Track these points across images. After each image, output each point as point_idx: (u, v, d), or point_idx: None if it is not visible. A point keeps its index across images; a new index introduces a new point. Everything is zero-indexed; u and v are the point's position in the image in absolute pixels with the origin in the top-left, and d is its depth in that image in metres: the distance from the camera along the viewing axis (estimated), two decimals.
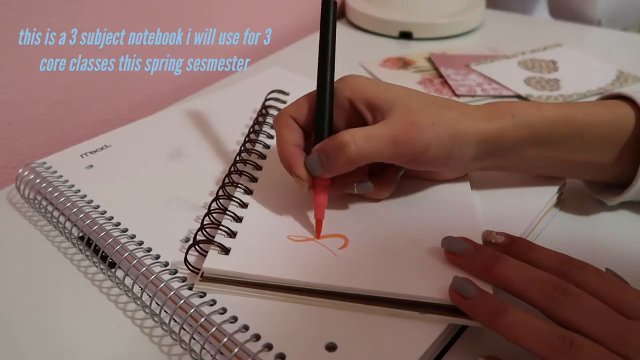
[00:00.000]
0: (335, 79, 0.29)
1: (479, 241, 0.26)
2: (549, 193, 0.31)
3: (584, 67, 0.53)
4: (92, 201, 0.31)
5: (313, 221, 0.28)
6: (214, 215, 0.28)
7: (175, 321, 0.25)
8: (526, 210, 0.30)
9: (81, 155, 0.36)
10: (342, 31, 0.65)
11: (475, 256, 0.24)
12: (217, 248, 0.26)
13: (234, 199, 0.29)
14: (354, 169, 0.27)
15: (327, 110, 0.28)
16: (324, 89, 0.28)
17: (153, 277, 0.26)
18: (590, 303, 0.22)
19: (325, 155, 0.26)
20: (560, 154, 0.29)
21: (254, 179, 0.31)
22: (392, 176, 0.30)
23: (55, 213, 0.31)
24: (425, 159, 0.27)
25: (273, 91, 0.41)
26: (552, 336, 0.20)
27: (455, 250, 0.25)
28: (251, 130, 0.37)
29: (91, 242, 0.29)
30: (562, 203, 0.34)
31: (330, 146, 0.26)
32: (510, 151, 0.29)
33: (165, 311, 0.25)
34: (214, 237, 0.27)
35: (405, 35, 0.61)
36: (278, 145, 0.28)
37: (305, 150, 0.29)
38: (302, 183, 0.27)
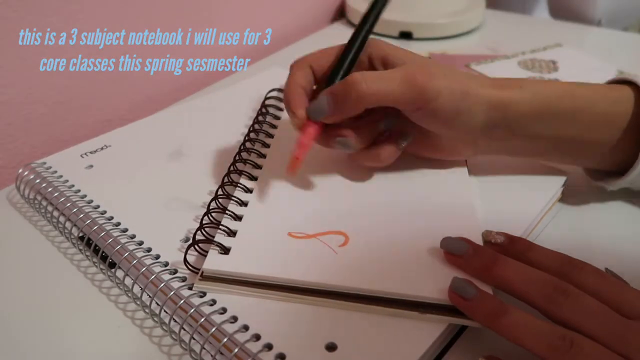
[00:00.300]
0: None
1: (479, 241, 0.26)
2: (552, 190, 0.31)
3: (584, 67, 0.53)
4: (92, 201, 0.31)
5: (312, 218, 0.28)
6: (213, 214, 0.28)
7: (175, 321, 0.25)
8: (528, 208, 0.30)
9: (81, 155, 0.36)
10: (342, 31, 0.65)
11: (475, 257, 0.24)
12: (217, 248, 0.26)
13: (233, 198, 0.29)
14: (343, 126, 0.28)
15: (350, 58, 0.29)
16: (353, 41, 0.29)
17: (153, 277, 0.26)
18: (590, 303, 0.22)
19: (334, 96, 0.27)
20: (566, 131, 0.29)
21: (253, 178, 0.31)
22: (394, 143, 0.30)
23: (55, 213, 0.31)
24: (434, 108, 0.27)
25: (273, 90, 0.41)
26: (552, 336, 0.20)
27: (455, 251, 0.25)
28: (251, 129, 0.37)
29: (91, 242, 0.29)
30: (564, 201, 0.34)
31: (340, 86, 0.27)
32: (517, 124, 0.29)
33: (165, 311, 0.25)
34: (213, 236, 0.27)
35: (405, 35, 0.61)
36: (286, 84, 0.29)
37: (310, 98, 0.29)
38: (295, 121, 0.28)
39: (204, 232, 0.27)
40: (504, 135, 0.29)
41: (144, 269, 0.26)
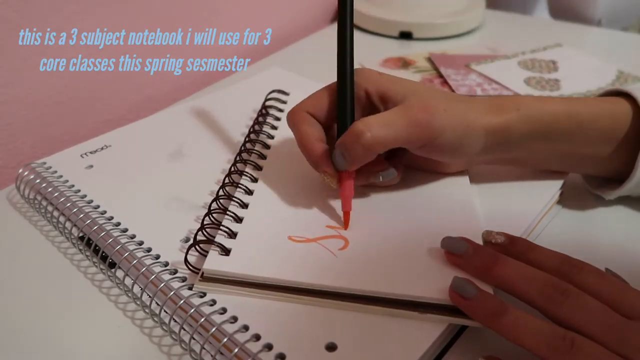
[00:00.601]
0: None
1: (480, 241, 0.26)
2: (551, 191, 0.31)
3: (584, 67, 0.53)
4: (92, 201, 0.31)
5: (313, 221, 0.28)
6: (214, 215, 0.28)
7: (175, 321, 0.25)
8: (528, 209, 0.30)
9: (81, 155, 0.36)
10: None
11: (475, 257, 0.24)
12: (218, 248, 0.26)
13: (234, 199, 0.29)
14: (374, 158, 0.27)
15: (349, 102, 0.28)
16: (344, 81, 0.28)
17: (153, 277, 0.26)
18: (590, 303, 0.22)
19: (345, 149, 0.27)
20: (564, 147, 0.30)
21: (254, 179, 0.31)
22: (399, 162, 0.31)
23: (55, 213, 0.31)
24: (438, 145, 0.27)
25: (273, 91, 0.41)
26: (553, 336, 0.20)
27: (455, 251, 0.25)
28: (251, 130, 0.37)
29: (91, 242, 0.29)
30: (564, 202, 0.34)
31: (347, 138, 0.27)
32: (516, 144, 0.29)
33: (165, 311, 0.25)
34: (214, 237, 0.27)
35: (406, 35, 0.61)
36: (301, 143, 0.28)
37: (327, 144, 0.29)
38: (330, 179, 0.28)
39: (205, 233, 0.27)
40: (503, 154, 0.30)
41: (144, 269, 0.26)
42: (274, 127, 0.37)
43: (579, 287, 0.22)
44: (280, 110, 0.39)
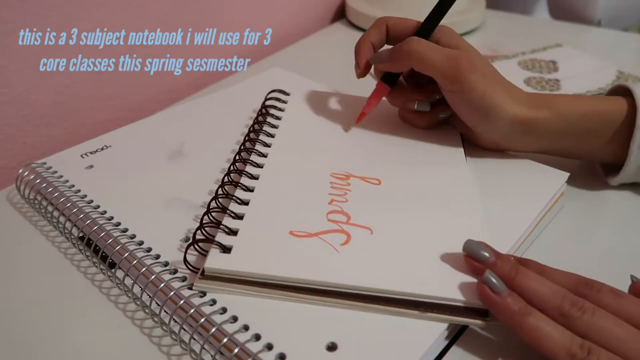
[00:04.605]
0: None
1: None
2: (553, 188, 0.31)
3: (584, 67, 0.53)
4: (92, 201, 0.31)
5: (314, 216, 0.28)
6: (213, 214, 0.28)
7: (175, 321, 0.25)
8: (529, 206, 0.30)
9: (81, 156, 0.36)
10: (342, 31, 0.65)
11: (497, 266, 0.24)
12: (218, 247, 0.26)
13: (233, 197, 0.29)
14: (415, 88, 0.34)
15: (432, 22, 0.33)
16: (439, 13, 0.33)
17: (153, 277, 0.26)
18: (608, 318, 0.22)
19: (393, 48, 0.32)
20: (593, 142, 0.32)
21: (254, 178, 0.31)
22: (434, 112, 0.35)
23: (56, 213, 0.31)
24: (464, 100, 0.31)
25: (273, 91, 0.41)
26: (573, 343, 0.21)
27: (478, 257, 0.25)
28: (251, 130, 0.37)
29: (91, 242, 0.29)
30: (566, 199, 0.34)
31: (399, 44, 0.31)
32: (544, 138, 0.32)
33: (165, 311, 0.25)
34: (214, 236, 0.27)
35: None
36: (361, 37, 0.34)
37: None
38: (358, 71, 0.34)
39: (204, 232, 0.27)
40: (527, 145, 0.33)
41: (144, 269, 0.26)
42: (274, 127, 0.37)
43: (597, 305, 0.22)
44: (281, 110, 0.39)
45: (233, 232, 0.27)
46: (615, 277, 0.25)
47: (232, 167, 0.32)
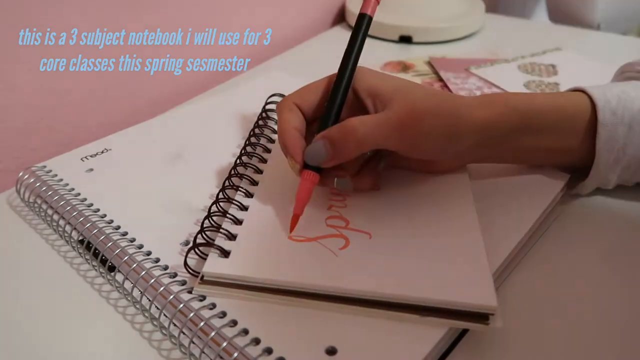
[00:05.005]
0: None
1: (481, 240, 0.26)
2: (553, 192, 0.32)
3: (584, 71, 0.53)
4: (92, 205, 0.31)
5: (313, 221, 0.28)
6: (214, 218, 0.28)
7: (175, 325, 0.25)
8: (529, 210, 0.30)
9: (81, 159, 0.36)
10: (342, 35, 0.65)
11: None
12: (217, 251, 0.26)
13: (234, 202, 0.29)
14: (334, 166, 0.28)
15: (339, 101, 0.29)
16: (340, 83, 0.29)
17: (152, 280, 0.26)
18: None
19: (331, 142, 0.27)
20: (550, 140, 0.31)
21: (254, 182, 0.31)
22: (374, 169, 0.31)
23: (55, 216, 0.31)
24: (427, 147, 0.28)
25: (274, 95, 0.41)
26: None
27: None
28: (251, 133, 0.37)
29: (91, 245, 0.29)
30: (566, 202, 0.34)
31: (338, 132, 0.27)
32: (506, 138, 0.30)
33: (164, 315, 0.25)
34: (214, 240, 0.27)
35: (405, 40, 0.61)
36: (279, 127, 0.29)
37: (305, 138, 0.29)
38: (294, 166, 0.28)
39: (204, 236, 0.27)
40: (491, 150, 0.31)
41: (143, 272, 0.26)
42: (275, 131, 0.37)
43: None
44: None
45: (233, 237, 0.27)
46: (615, 279, 0.25)
47: (233, 171, 0.32)
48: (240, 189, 0.30)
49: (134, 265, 0.27)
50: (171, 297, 0.25)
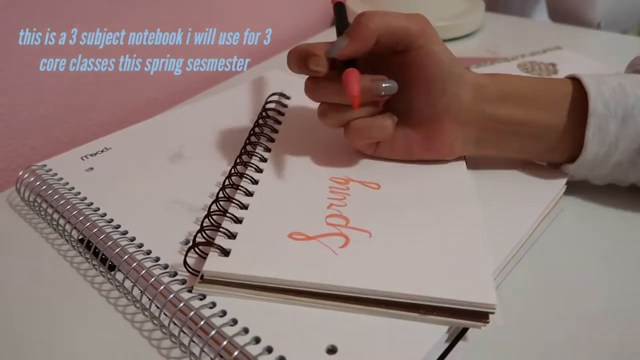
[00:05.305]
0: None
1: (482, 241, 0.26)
2: (553, 191, 0.32)
3: (584, 69, 0.53)
4: (92, 204, 0.31)
5: (313, 219, 0.28)
6: (214, 217, 0.28)
7: (175, 324, 0.25)
8: (529, 209, 0.30)
9: (81, 158, 0.36)
10: None
11: None
12: (217, 250, 0.26)
13: (234, 200, 0.29)
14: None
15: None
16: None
17: (153, 279, 0.26)
18: None
19: (350, 31, 0.30)
20: (539, 115, 0.31)
21: (254, 181, 0.31)
22: (390, 116, 0.32)
23: (55, 215, 0.31)
24: (431, 51, 0.30)
25: (274, 94, 0.41)
26: None
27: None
28: (252, 132, 0.37)
29: (91, 244, 0.29)
30: (566, 202, 0.34)
31: (355, 22, 0.30)
32: (495, 107, 0.31)
33: (164, 314, 0.25)
34: (214, 239, 0.27)
35: None
36: (292, 50, 0.32)
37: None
38: (314, 58, 0.30)
39: (204, 235, 0.27)
40: (479, 123, 0.31)
41: (143, 271, 0.26)
42: (275, 130, 0.37)
43: None
44: (281, 114, 0.39)
45: (233, 236, 0.27)
46: (615, 279, 0.25)
47: (233, 169, 0.32)
48: (240, 188, 0.30)
49: (134, 264, 0.27)
50: (171, 296, 0.25)
